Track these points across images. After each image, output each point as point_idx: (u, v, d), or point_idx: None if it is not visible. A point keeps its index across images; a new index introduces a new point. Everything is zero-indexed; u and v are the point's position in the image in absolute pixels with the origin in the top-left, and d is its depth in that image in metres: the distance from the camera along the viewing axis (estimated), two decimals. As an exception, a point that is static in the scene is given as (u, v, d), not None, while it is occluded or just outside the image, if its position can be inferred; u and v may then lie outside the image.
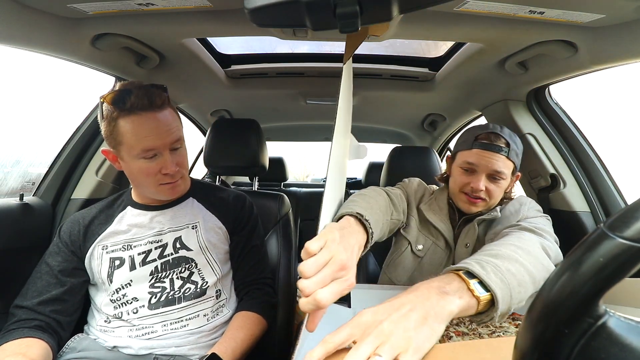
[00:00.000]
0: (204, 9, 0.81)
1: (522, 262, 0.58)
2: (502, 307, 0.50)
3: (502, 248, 0.60)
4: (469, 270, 0.51)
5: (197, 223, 0.91)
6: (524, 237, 0.69)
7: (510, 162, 0.89)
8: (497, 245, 0.62)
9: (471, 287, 0.49)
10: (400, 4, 0.47)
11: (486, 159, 0.88)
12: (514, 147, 0.89)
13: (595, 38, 0.84)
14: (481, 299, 0.48)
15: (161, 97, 0.80)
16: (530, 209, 0.89)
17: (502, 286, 0.50)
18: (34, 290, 0.80)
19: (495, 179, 0.89)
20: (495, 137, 0.89)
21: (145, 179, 0.82)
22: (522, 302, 0.55)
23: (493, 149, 0.88)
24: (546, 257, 0.65)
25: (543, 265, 0.62)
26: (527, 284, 0.55)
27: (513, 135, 0.92)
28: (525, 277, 0.55)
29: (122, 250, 0.85)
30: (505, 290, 0.50)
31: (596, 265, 0.23)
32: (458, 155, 0.96)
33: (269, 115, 1.90)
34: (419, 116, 1.88)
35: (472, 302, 0.48)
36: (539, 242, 0.69)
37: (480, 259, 0.55)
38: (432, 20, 0.86)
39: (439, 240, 0.96)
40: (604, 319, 0.24)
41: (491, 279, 0.50)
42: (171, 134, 0.80)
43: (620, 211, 0.24)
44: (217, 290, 0.88)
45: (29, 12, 0.75)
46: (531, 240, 0.68)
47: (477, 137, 0.91)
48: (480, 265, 0.52)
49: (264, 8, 0.48)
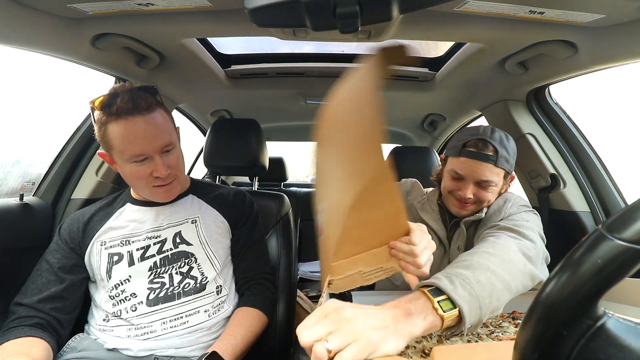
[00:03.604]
0: (204, 9, 0.81)
1: (494, 269, 0.58)
2: (471, 320, 0.50)
3: (474, 257, 0.60)
4: (437, 286, 0.52)
5: (197, 217, 0.92)
6: (499, 241, 0.68)
7: (500, 169, 0.86)
8: (470, 255, 0.62)
9: (435, 306, 0.49)
10: (400, 4, 0.47)
11: (473, 169, 0.86)
12: (504, 153, 0.86)
13: (595, 38, 0.84)
14: (445, 317, 0.49)
15: (147, 99, 0.79)
16: (513, 205, 0.89)
17: (469, 300, 0.51)
18: (33, 287, 0.80)
19: (484, 187, 0.87)
20: (483, 145, 0.86)
21: (137, 182, 0.83)
22: (496, 311, 0.56)
23: (480, 158, 0.85)
24: (523, 260, 0.65)
25: (519, 270, 0.62)
26: (501, 291, 0.56)
27: (504, 139, 0.88)
28: (498, 285, 0.56)
29: (121, 246, 0.85)
30: (473, 304, 0.51)
31: (595, 267, 0.23)
32: (448, 160, 0.94)
33: (269, 115, 1.90)
34: (419, 116, 1.87)
35: (437, 321, 0.49)
36: (516, 245, 0.68)
37: (451, 272, 0.55)
38: (432, 20, 0.86)
39: (431, 239, 0.96)
40: (603, 320, 0.24)
41: (458, 294, 0.50)
42: (160, 138, 0.79)
43: (619, 213, 0.24)
44: (217, 286, 0.88)
45: (29, 12, 0.75)
46: (506, 244, 0.68)
47: (464, 144, 0.88)
48: (449, 280, 0.53)
49: (264, 8, 0.48)
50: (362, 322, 0.44)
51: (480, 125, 0.91)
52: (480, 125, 0.91)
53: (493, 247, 0.65)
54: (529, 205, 0.91)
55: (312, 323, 0.44)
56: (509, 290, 0.58)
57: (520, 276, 0.61)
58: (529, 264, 0.65)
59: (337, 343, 0.41)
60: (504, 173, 0.88)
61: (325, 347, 0.41)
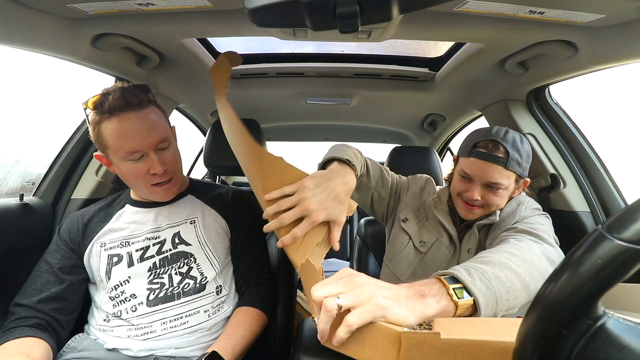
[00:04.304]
0: (204, 9, 0.81)
1: (515, 269, 0.57)
2: (486, 312, 0.50)
3: (495, 255, 0.60)
4: (454, 276, 0.52)
5: (196, 218, 0.92)
6: (521, 244, 0.67)
7: (510, 172, 0.83)
8: (491, 252, 0.62)
9: (450, 292, 0.50)
10: (400, 4, 0.47)
11: (482, 170, 0.84)
12: (515, 155, 0.83)
13: (595, 38, 0.84)
14: (459, 304, 0.49)
15: (138, 96, 0.80)
16: (527, 208, 0.88)
17: (486, 292, 0.51)
18: (33, 288, 0.80)
19: (492, 189, 0.85)
20: (494, 146, 0.84)
21: (135, 181, 0.83)
22: (512, 310, 0.56)
23: (489, 159, 0.83)
24: (546, 263, 0.64)
25: (540, 273, 0.61)
26: (519, 291, 0.55)
27: (518, 141, 0.85)
28: (517, 285, 0.55)
29: (120, 247, 0.85)
30: (490, 297, 0.51)
31: (594, 267, 0.23)
32: (459, 160, 0.93)
33: (269, 115, 1.89)
34: (418, 116, 1.87)
35: (450, 306, 0.49)
36: (539, 249, 0.67)
37: (469, 265, 0.55)
38: (432, 20, 0.86)
39: (442, 237, 0.95)
40: (603, 320, 0.24)
41: (475, 285, 0.50)
42: (154, 133, 0.80)
43: (618, 213, 0.24)
44: (217, 286, 0.88)
45: (29, 12, 0.75)
46: (529, 247, 0.67)
47: (475, 144, 0.86)
48: (467, 272, 0.53)
49: (264, 8, 0.48)
50: (373, 288, 0.46)
51: (494, 126, 0.89)
52: (494, 126, 0.89)
53: (515, 249, 0.64)
54: (540, 208, 0.90)
55: (327, 282, 0.47)
56: (528, 292, 0.57)
57: (541, 280, 0.60)
58: (550, 268, 0.64)
59: (347, 301, 0.44)
60: (515, 176, 0.85)
61: (336, 303, 0.43)
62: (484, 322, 0.42)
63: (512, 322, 0.41)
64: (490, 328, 0.41)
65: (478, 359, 0.39)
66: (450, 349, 0.39)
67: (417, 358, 0.41)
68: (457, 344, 0.39)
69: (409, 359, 0.41)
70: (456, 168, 0.94)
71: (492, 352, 0.38)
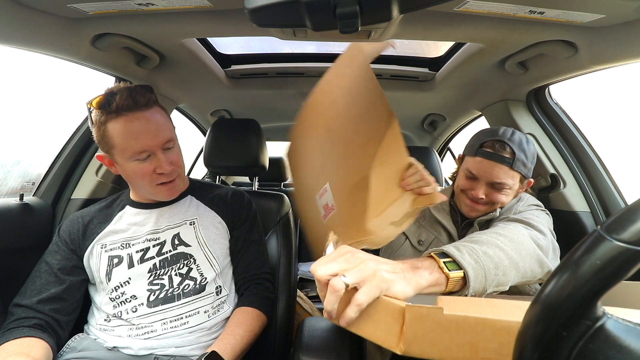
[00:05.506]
0: (204, 9, 0.81)
1: (502, 247, 0.59)
2: (475, 286, 0.52)
3: (483, 235, 0.62)
4: (444, 252, 0.54)
5: (195, 219, 0.92)
6: (509, 226, 0.70)
7: (515, 172, 0.85)
8: (479, 234, 0.64)
9: (441, 265, 0.51)
10: (400, 4, 0.47)
11: (487, 170, 0.86)
12: (521, 156, 0.84)
13: (595, 38, 0.84)
14: (451, 276, 0.50)
15: (145, 96, 0.79)
16: (525, 203, 0.89)
17: (475, 266, 0.52)
18: (33, 288, 0.80)
19: (497, 189, 0.87)
20: (501, 147, 0.85)
21: (141, 181, 0.82)
22: (502, 286, 0.57)
23: (495, 159, 0.85)
24: (533, 245, 0.66)
25: (528, 252, 0.63)
26: (507, 268, 0.57)
27: (524, 142, 0.86)
28: (505, 262, 0.57)
29: (121, 249, 0.85)
30: (478, 270, 0.53)
31: (593, 268, 0.23)
32: (465, 159, 0.94)
33: (269, 115, 1.89)
34: (419, 116, 1.87)
35: (441, 277, 0.50)
36: (527, 233, 0.69)
37: (459, 243, 0.57)
38: (432, 20, 0.86)
39: (441, 235, 0.96)
40: (602, 321, 0.24)
41: (464, 259, 0.52)
42: (162, 133, 0.80)
43: (617, 214, 0.24)
44: (217, 287, 0.88)
45: (29, 12, 0.75)
46: (516, 229, 0.69)
47: (482, 144, 0.88)
48: (457, 248, 0.55)
49: (264, 8, 0.48)
50: (375, 263, 0.47)
51: (501, 127, 0.90)
52: (501, 127, 0.90)
53: (503, 230, 0.66)
54: (540, 205, 0.91)
55: (328, 260, 0.46)
56: (517, 269, 0.59)
57: (528, 259, 0.62)
58: (537, 250, 0.66)
59: (353, 278, 0.43)
60: (520, 177, 0.87)
61: (344, 281, 0.43)
62: (487, 302, 0.43)
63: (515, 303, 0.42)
64: (492, 308, 0.41)
65: (480, 337, 0.39)
66: (452, 325, 0.40)
67: (419, 333, 0.41)
68: (460, 320, 0.40)
69: (411, 334, 0.41)
70: (461, 166, 0.95)
71: (493, 330, 0.39)
